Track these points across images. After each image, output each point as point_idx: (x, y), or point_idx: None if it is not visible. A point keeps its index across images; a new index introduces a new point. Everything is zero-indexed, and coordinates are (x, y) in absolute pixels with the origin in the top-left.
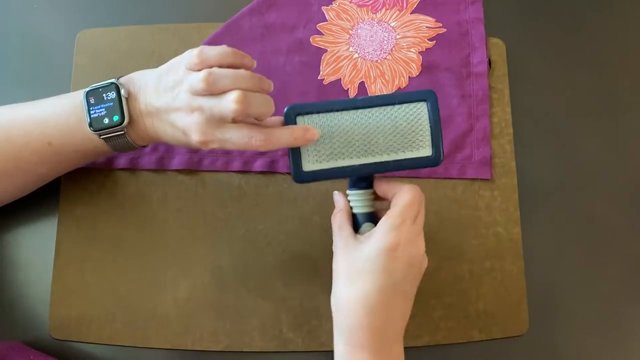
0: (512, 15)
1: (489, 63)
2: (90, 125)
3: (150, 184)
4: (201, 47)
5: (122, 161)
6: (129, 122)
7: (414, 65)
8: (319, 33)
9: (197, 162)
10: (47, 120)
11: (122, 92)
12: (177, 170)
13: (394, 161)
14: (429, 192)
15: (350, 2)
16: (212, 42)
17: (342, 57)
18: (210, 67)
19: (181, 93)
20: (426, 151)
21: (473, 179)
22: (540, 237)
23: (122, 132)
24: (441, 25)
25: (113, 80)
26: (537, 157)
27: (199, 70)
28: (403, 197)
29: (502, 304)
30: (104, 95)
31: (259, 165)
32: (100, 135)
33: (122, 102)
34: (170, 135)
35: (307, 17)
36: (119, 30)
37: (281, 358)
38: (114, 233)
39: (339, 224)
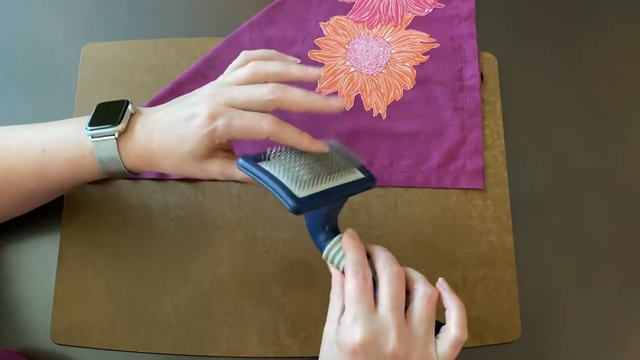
0: (503, 31)
1: (481, 77)
2: (87, 124)
3: (152, 193)
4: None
5: None
6: (124, 132)
7: (408, 78)
8: (317, 48)
9: None
10: (48, 127)
11: (130, 107)
12: (177, 180)
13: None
14: (423, 201)
15: (347, 18)
16: (213, 55)
17: (339, 71)
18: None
19: (200, 90)
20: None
21: (466, 189)
22: (532, 245)
23: (113, 137)
24: (435, 40)
25: (127, 99)
26: (529, 167)
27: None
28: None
29: (494, 311)
30: (112, 105)
31: None
32: (92, 137)
33: (125, 110)
34: (169, 140)
35: (305, 32)
36: (123, 44)
37: None
38: (115, 240)
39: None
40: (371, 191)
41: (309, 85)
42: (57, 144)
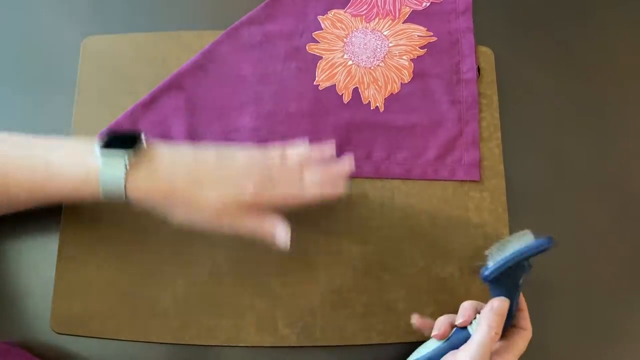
0: (500, 25)
1: (478, 70)
2: (99, 143)
3: None
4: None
5: None
6: (140, 161)
7: (405, 72)
8: (315, 41)
9: None
10: (54, 142)
11: (144, 138)
12: None
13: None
14: (420, 193)
15: (345, 12)
16: (213, 49)
17: (336, 64)
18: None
19: (240, 152)
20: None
21: (463, 181)
22: None
23: (125, 158)
24: (432, 34)
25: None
26: (525, 160)
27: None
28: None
29: None
30: (126, 134)
31: None
32: (102, 154)
33: (140, 140)
34: (204, 189)
35: (304, 26)
36: (123, 37)
37: (276, 353)
38: (115, 231)
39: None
40: (369, 183)
41: (307, 79)
42: (62, 161)
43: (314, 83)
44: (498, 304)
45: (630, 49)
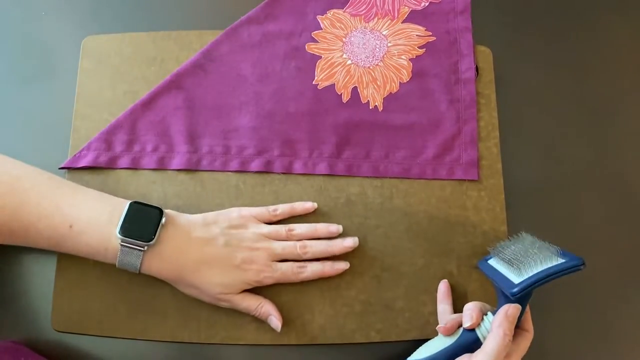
0: (498, 25)
1: (477, 70)
2: (120, 229)
3: (151, 183)
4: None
5: (124, 161)
6: (155, 243)
7: (404, 71)
8: (314, 41)
9: (196, 162)
10: (80, 197)
11: (163, 219)
12: (177, 170)
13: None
14: (419, 192)
15: (344, 12)
16: (212, 48)
17: (336, 64)
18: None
19: (247, 233)
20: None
21: (461, 180)
22: None
23: (142, 249)
24: (431, 34)
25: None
26: (523, 159)
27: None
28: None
29: (489, 301)
30: (147, 212)
31: (255, 165)
32: (122, 243)
33: (159, 225)
34: (209, 268)
35: (303, 26)
36: (123, 36)
37: (275, 351)
38: None
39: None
40: (367, 182)
41: (307, 78)
42: (86, 227)
43: (313, 82)
44: (512, 311)
45: (629, 49)
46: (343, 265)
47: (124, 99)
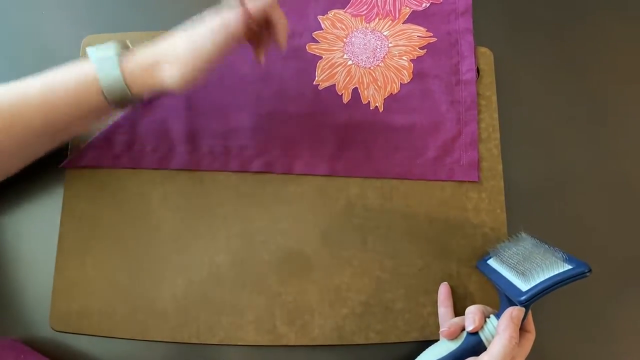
0: (499, 26)
1: (478, 71)
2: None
3: (151, 183)
4: None
5: (124, 161)
6: (129, 51)
7: (405, 72)
8: (315, 41)
9: (196, 162)
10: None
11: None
12: (177, 170)
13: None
14: (419, 193)
15: (345, 12)
16: None
17: (336, 64)
18: None
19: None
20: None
21: (461, 182)
22: None
23: (115, 54)
24: (432, 34)
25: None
26: (523, 161)
27: None
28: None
29: (489, 302)
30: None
31: (256, 165)
32: (96, 58)
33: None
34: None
35: (304, 26)
36: (123, 36)
37: (274, 352)
38: (115, 229)
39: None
40: (368, 183)
41: (307, 77)
42: (58, 76)
43: (314, 83)
44: (517, 314)
45: (629, 49)
46: None
47: None
